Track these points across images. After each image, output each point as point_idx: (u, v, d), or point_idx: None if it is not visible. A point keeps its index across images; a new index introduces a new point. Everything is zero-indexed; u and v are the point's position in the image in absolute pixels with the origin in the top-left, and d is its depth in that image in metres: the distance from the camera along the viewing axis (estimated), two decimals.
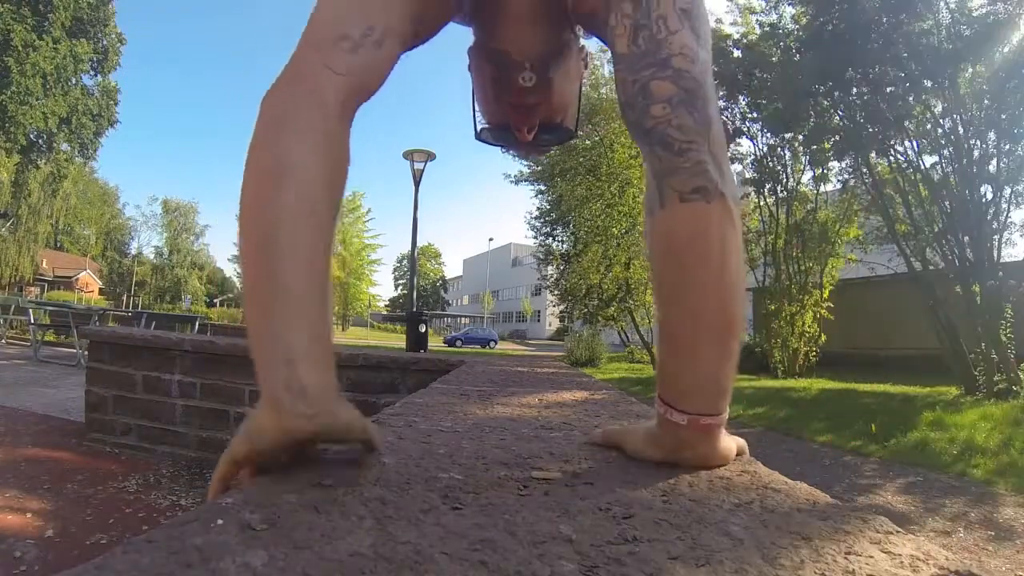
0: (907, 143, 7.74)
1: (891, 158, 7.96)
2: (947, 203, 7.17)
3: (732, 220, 0.56)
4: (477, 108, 0.83)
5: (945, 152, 7.29)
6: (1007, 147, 7.03)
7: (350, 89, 0.55)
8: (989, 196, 7.05)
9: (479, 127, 0.84)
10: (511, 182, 16.11)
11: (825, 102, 8.51)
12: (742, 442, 0.66)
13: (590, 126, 12.98)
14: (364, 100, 0.59)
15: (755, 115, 10.44)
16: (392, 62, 0.61)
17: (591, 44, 0.90)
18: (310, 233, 0.49)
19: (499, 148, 0.91)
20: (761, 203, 10.80)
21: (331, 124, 0.53)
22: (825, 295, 10.19)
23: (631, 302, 13.35)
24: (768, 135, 10.49)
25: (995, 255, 7.02)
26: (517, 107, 0.76)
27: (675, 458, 0.59)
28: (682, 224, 0.56)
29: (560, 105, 0.79)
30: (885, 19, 7.01)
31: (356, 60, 0.56)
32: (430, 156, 9.27)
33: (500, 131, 0.82)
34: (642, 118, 0.58)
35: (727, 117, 10.73)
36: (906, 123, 7.47)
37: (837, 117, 8.63)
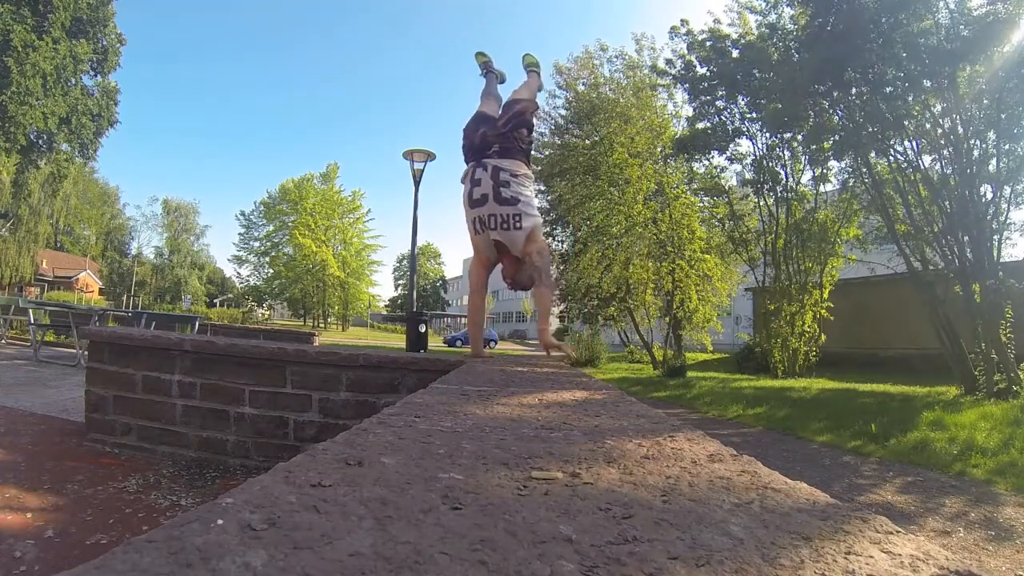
0: (907, 143, 7.74)
1: (891, 158, 7.95)
2: (947, 203, 7.16)
3: (546, 292, 2.79)
4: (506, 280, 2.78)
5: (945, 152, 7.28)
6: (1007, 147, 7.03)
7: (483, 296, 3.02)
8: (989, 196, 7.06)
9: (507, 286, 2.80)
10: None
11: (824, 102, 8.50)
12: (563, 347, 3.16)
13: (589, 125, 13.02)
14: (486, 292, 3.02)
15: (755, 115, 10.43)
16: (487, 285, 2.98)
17: (593, 44, 1.82)
18: (482, 314, 3.12)
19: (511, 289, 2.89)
20: (761, 203, 10.79)
21: (482, 294, 3.00)
22: (825, 295, 10.17)
23: (631, 302, 13.34)
24: (768, 135, 10.48)
25: (995, 255, 7.01)
26: (511, 285, 2.79)
27: (543, 345, 2.95)
28: (536, 294, 2.81)
29: (526, 283, 2.70)
30: (884, 19, 7.00)
31: (479, 293, 2.98)
32: (430, 156, 9.28)
33: (514, 286, 2.78)
34: (531, 274, 2.69)
35: (726, 118, 10.84)
36: (906, 123, 7.47)
37: (836, 117, 8.63)
